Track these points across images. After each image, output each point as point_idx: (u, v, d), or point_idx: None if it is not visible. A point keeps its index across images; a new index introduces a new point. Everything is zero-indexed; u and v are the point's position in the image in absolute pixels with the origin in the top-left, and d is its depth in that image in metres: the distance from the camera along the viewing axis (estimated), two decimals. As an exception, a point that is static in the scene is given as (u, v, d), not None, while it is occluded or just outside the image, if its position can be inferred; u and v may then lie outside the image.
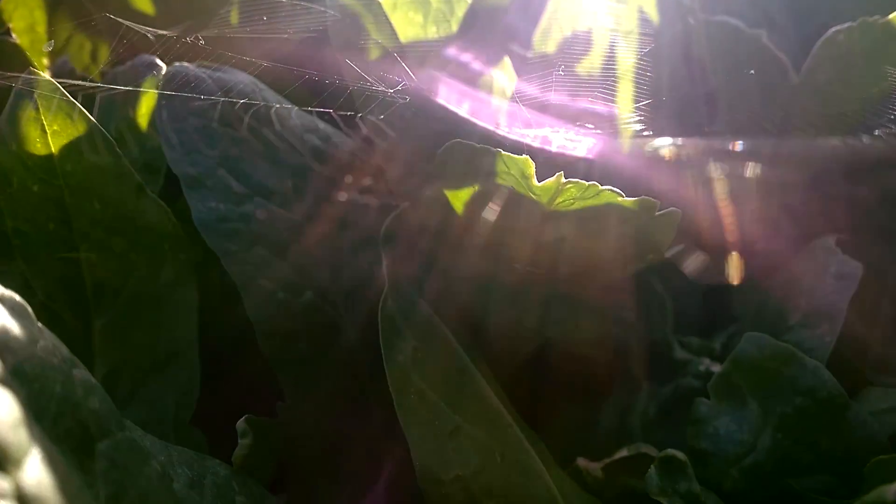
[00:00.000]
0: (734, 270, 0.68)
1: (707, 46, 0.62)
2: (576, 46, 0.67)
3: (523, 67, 0.61)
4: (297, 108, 0.58)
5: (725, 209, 0.67)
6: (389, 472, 0.55)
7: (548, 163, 0.41)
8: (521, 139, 0.47)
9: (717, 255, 0.71)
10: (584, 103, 0.55)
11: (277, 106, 0.55)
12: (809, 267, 0.56)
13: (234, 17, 0.64)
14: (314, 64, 0.61)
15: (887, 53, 0.56)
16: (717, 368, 0.57)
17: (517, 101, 0.58)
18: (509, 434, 0.48)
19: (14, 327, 0.28)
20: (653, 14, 0.69)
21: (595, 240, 0.46)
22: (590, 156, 0.53)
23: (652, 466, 0.44)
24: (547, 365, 0.68)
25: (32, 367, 0.27)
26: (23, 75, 0.45)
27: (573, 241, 0.46)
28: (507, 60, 0.60)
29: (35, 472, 0.23)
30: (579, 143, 0.41)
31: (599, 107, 0.56)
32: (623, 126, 0.64)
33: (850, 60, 0.58)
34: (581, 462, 0.52)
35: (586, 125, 0.44)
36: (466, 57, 0.61)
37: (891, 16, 0.56)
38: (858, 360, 0.65)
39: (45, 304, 0.48)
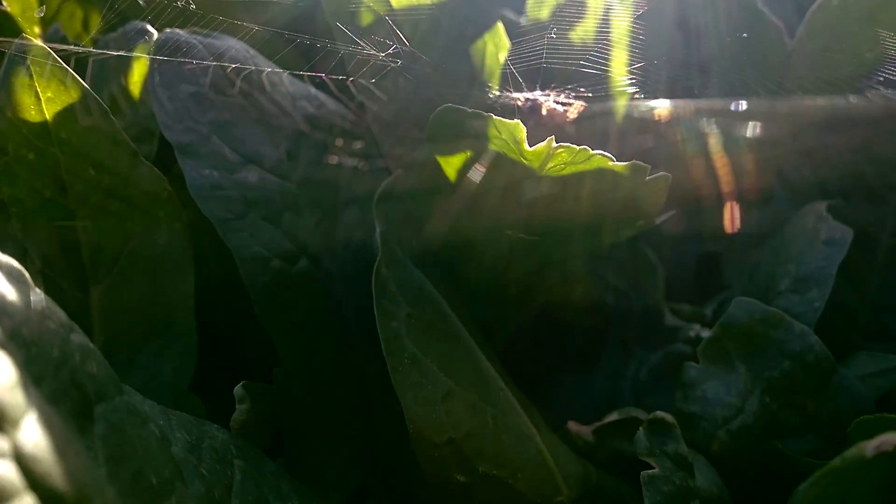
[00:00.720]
0: (727, 229, 0.69)
1: (702, 11, 0.61)
2: (570, 10, 0.66)
3: (516, 31, 0.61)
4: (288, 73, 0.58)
5: (717, 173, 0.68)
6: (384, 436, 0.57)
7: (541, 126, 0.41)
8: (514, 103, 0.47)
9: (709, 220, 0.72)
10: (577, 67, 0.54)
11: (269, 71, 0.55)
12: (800, 233, 0.57)
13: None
14: (306, 29, 0.61)
15: (880, 19, 0.56)
16: (707, 334, 0.58)
17: (510, 66, 0.58)
18: (501, 398, 0.48)
19: (11, 293, 0.28)
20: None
21: (586, 205, 0.46)
22: (583, 118, 0.54)
23: (640, 428, 0.45)
24: (542, 332, 0.69)
25: (30, 331, 0.28)
26: (15, 41, 0.44)
27: (564, 207, 0.46)
28: (499, 25, 0.60)
29: (32, 432, 0.24)
30: (571, 107, 0.41)
31: (593, 70, 0.56)
32: (617, 89, 0.64)
33: (843, 26, 0.57)
34: (572, 426, 0.53)
35: (580, 89, 0.43)
36: (459, 21, 0.60)
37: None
38: (848, 325, 0.66)
39: (42, 272, 0.49)
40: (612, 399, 0.64)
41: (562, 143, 0.41)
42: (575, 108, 0.39)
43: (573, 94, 0.42)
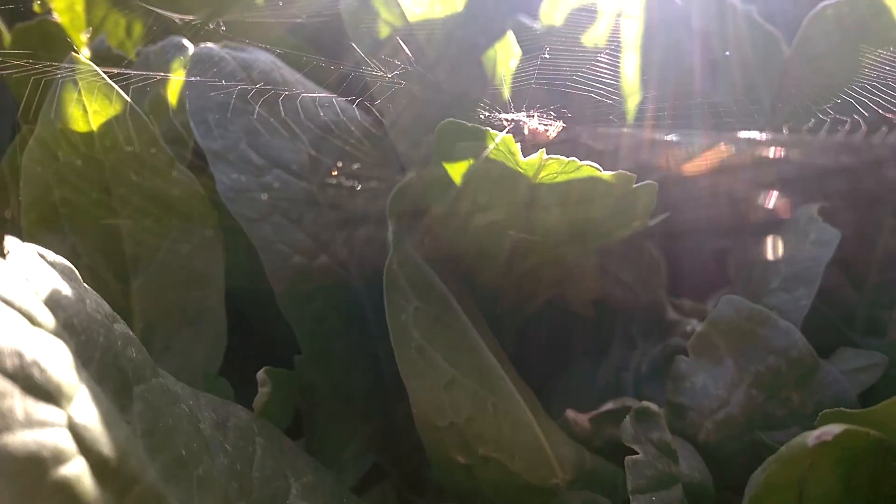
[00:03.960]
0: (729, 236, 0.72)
1: (704, 21, 0.64)
2: (581, 19, 0.70)
3: (527, 42, 0.65)
4: (313, 84, 0.63)
5: (720, 178, 0.71)
6: (396, 420, 0.61)
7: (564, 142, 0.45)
8: (518, 117, 0.51)
9: (713, 221, 0.75)
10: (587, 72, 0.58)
11: (294, 80, 0.60)
12: (792, 234, 0.59)
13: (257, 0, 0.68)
14: (329, 41, 0.65)
15: (874, 28, 0.58)
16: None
17: (519, 78, 0.62)
18: (501, 387, 0.53)
19: (64, 288, 0.33)
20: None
21: (582, 208, 0.49)
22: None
23: (627, 417, 0.48)
24: (550, 325, 0.73)
25: (80, 321, 0.33)
26: (67, 62, 0.50)
27: (561, 210, 0.50)
28: (510, 36, 0.63)
29: (83, 406, 0.29)
30: (551, 127, 0.44)
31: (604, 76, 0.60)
32: (626, 96, 0.68)
33: (838, 35, 0.60)
34: (570, 413, 0.57)
35: (562, 109, 0.47)
36: (471, 34, 0.64)
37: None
38: (845, 323, 0.68)
39: (89, 267, 0.54)
40: (615, 390, 0.68)
41: (551, 156, 0.44)
42: (555, 129, 0.43)
43: (555, 114, 0.46)
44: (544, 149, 0.44)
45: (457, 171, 0.52)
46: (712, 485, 0.49)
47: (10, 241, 0.32)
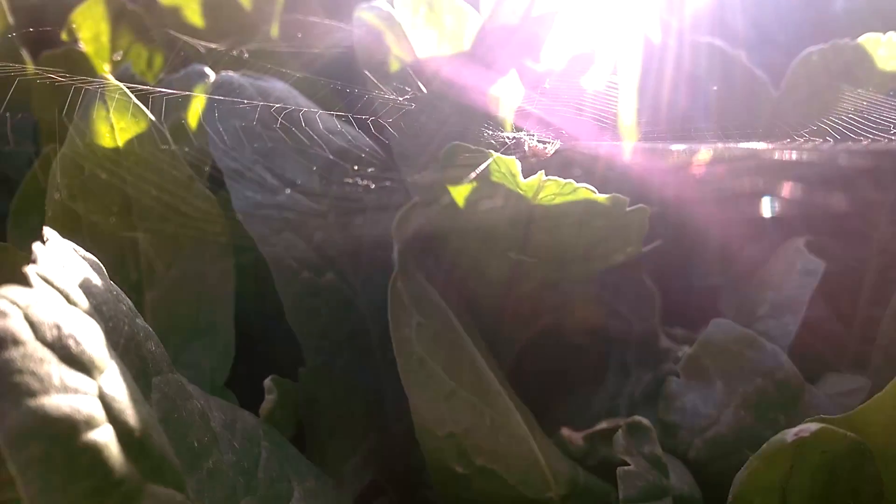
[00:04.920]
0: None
1: (695, 65, 0.68)
2: (581, 62, 0.74)
3: (530, 79, 0.68)
4: (325, 112, 0.66)
5: (712, 213, 0.74)
6: (396, 437, 0.63)
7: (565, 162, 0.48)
8: (519, 136, 0.54)
9: (708, 255, 0.78)
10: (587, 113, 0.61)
11: (307, 109, 0.63)
12: (779, 265, 0.62)
13: (275, 32, 0.72)
14: (342, 73, 0.69)
15: (857, 73, 0.62)
16: (692, 354, 0.63)
17: (523, 110, 0.65)
18: (499, 402, 0.54)
19: (94, 278, 0.36)
20: (654, 35, 0.75)
21: (577, 231, 0.52)
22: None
23: (619, 430, 0.50)
24: (546, 353, 0.75)
25: (108, 309, 0.35)
26: (97, 79, 0.53)
27: (558, 232, 0.53)
28: (513, 72, 0.67)
29: (112, 380, 0.31)
30: (550, 145, 0.47)
31: (601, 115, 0.63)
32: (623, 132, 0.71)
33: (824, 79, 0.63)
34: (565, 432, 0.58)
35: (560, 130, 0.50)
36: (476, 70, 0.68)
37: (860, 39, 0.62)
38: (838, 356, 0.70)
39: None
40: (609, 415, 0.70)
41: (550, 177, 0.47)
42: (553, 147, 0.46)
43: (553, 134, 0.49)
44: (543, 171, 0.47)
45: (460, 193, 0.55)
46: (702, 500, 0.51)
47: (49, 232, 0.35)
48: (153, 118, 0.54)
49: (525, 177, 0.48)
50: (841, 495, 0.39)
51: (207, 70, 0.64)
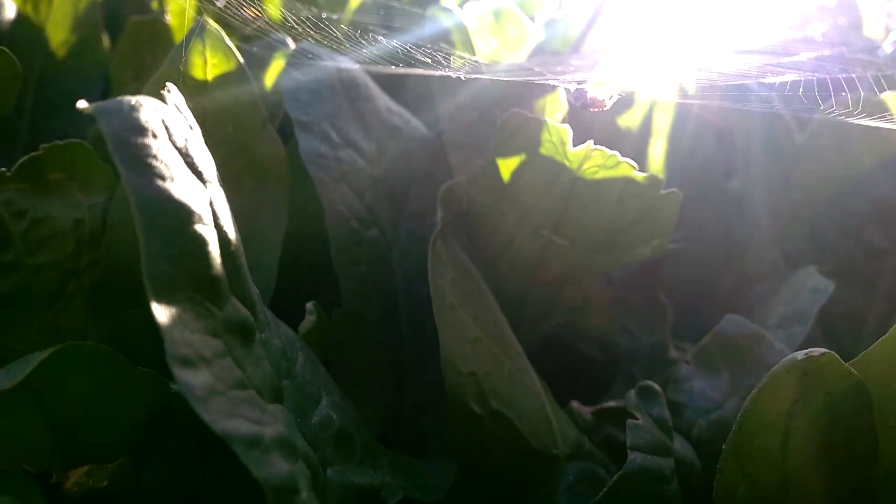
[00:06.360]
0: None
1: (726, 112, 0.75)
2: (622, 102, 0.80)
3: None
4: (387, 96, 0.72)
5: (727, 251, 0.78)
6: (410, 395, 0.65)
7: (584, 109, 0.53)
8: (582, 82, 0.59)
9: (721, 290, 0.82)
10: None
11: (373, 86, 0.69)
12: (791, 284, 0.66)
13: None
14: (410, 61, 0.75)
15: (879, 129, 0.68)
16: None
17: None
18: (517, 359, 0.58)
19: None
20: (689, 86, 0.82)
21: (610, 210, 0.57)
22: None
23: (632, 391, 0.53)
24: (555, 360, 0.78)
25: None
26: (198, 19, 0.59)
27: (596, 210, 0.58)
28: (560, 91, 0.74)
29: (218, 196, 0.35)
30: (609, 97, 0.52)
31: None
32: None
33: (845, 131, 0.70)
34: (575, 404, 0.61)
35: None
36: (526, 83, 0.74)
37: (883, 95, 0.68)
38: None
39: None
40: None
41: (597, 147, 0.53)
42: (611, 97, 0.51)
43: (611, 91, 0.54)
44: (591, 140, 0.52)
45: (507, 166, 0.60)
46: (702, 472, 0.53)
47: (171, 87, 0.40)
48: (242, 62, 0.60)
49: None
50: (840, 444, 0.42)
51: (288, 39, 0.70)
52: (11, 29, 0.90)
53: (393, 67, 0.63)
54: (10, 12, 0.90)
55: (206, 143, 0.61)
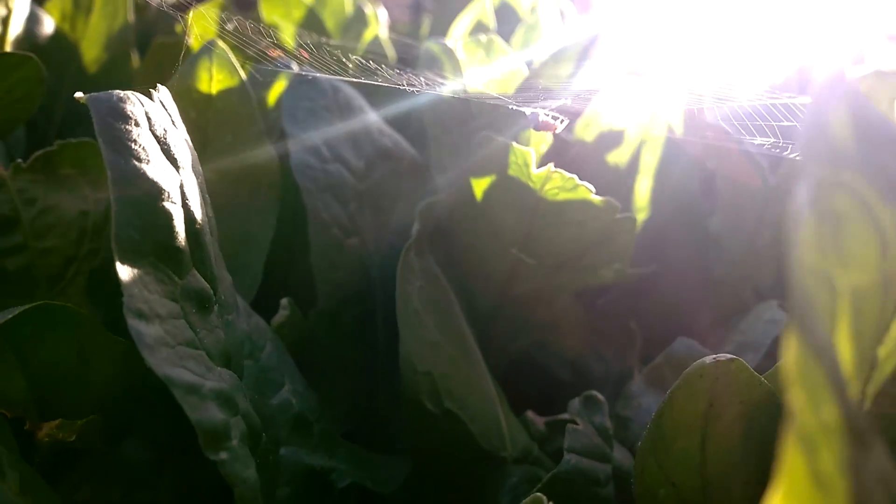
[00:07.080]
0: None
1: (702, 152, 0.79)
2: (611, 139, 0.85)
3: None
4: (379, 118, 0.78)
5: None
6: (379, 399, 0.69)
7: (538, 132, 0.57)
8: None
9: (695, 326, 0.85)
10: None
11: (365, 106, 0.75)
12: (751, 316, 0.69)
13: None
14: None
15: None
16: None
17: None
18: (477, 366, 0.61)
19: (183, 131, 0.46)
20: (677, 127, 0.87)
21: (571, 230, 0.61)
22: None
23: (576, 399, 0.56)
24: (525, 379, 0.81)
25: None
26: (207, 40, 0.65)
27: (558, 228, 0.62)
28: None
29: (189, 181, 0.40)
30: (560, 120, 0.57)
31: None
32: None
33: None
34: (530, 414, 0.64)
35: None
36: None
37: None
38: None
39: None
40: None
41: (557, 170, 0.57)
42: (562, 122, 0.55)
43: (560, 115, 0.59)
44: (552, 164, 0.57)
45: (480, 186, 0.65)
46: (639, 482, 0.56)
47: (161, 88, 0.45)
48: (245, 79, 0.66)
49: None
50: (754, 454, 0.45)
51: (293, 64, 0.76)
52: (48, 43, 0.98)
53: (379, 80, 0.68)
54: (49, 28, 0.97)
55: (206, 148, 0.67)
